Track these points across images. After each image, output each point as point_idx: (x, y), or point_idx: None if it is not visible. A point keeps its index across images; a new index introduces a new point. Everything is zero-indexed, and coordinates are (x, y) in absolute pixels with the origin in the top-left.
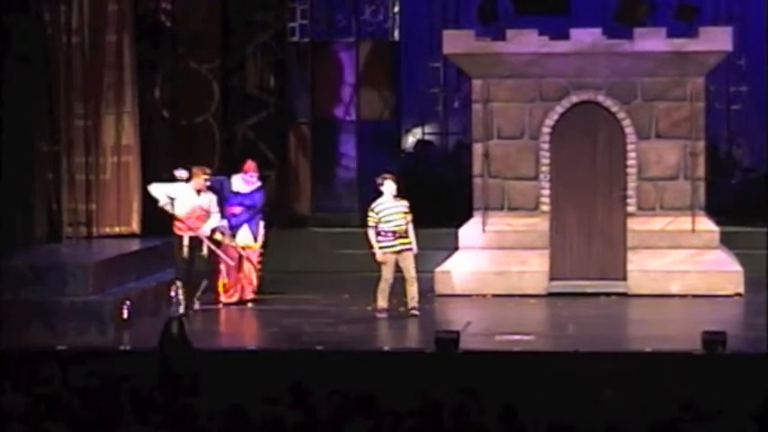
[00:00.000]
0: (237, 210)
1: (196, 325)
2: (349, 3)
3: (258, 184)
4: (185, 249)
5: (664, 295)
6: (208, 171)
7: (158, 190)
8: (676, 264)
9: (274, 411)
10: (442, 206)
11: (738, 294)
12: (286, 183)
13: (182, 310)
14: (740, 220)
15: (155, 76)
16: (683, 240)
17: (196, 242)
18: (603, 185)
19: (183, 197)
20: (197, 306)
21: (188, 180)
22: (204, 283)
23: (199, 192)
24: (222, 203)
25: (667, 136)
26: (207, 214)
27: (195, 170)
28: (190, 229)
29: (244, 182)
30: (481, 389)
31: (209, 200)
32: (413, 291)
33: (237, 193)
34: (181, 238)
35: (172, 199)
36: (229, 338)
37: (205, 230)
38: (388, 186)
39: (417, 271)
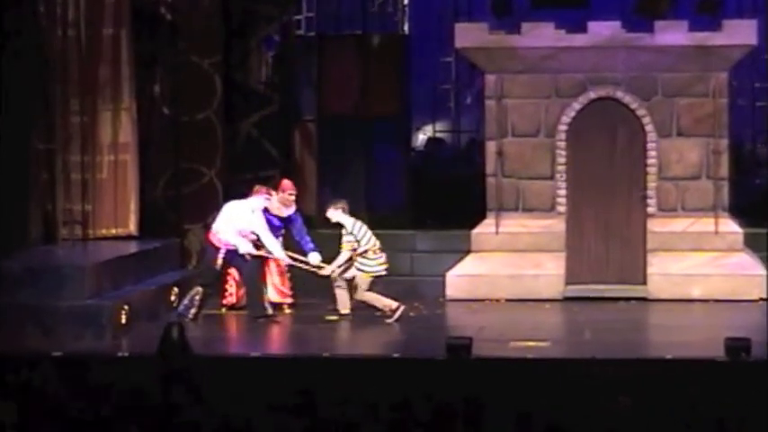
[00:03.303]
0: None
1: (197, 331)
2: None
3: (295, 206)
4: (220, 260)
5: (685, 300)
6: (272, 192)
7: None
8: (698, 267)
9: (280, 420)
10: (453, 207)
11: (763, 299)
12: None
13: (191, 315)
14: (765, 222)
15: (154, 70)
16: (706, 243)
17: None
18: (622, 185)
19: (244, 215)
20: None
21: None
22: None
23: (253, 211)
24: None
25: (689, 133)
26: (251, 235)
27: (259, 189)
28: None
29: (283, 204)
30: (494, 397)
31: (259, 223)
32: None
33: (276, 217)
34: (218, 249)
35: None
36: (233, 344)
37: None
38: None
39: (429, 274)
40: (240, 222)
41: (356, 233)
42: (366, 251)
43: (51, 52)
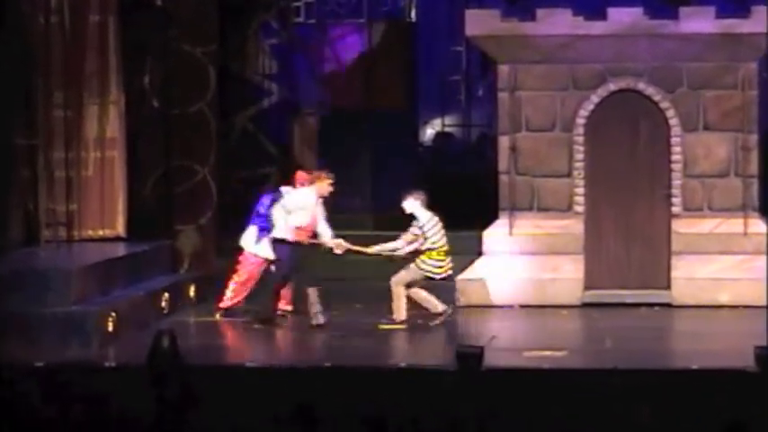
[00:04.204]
0: None
1: (191, 339)
2: None
3: None
4: (298, 257)
5: (712, 306)
6: (332, 176)
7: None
8: (726, 271)
9: None
10: (464, 206)
11: None
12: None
13: (321, 318)
14: None
15: (143, 60)
16: (734, 245)
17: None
18: (644, 183)
19: (307, 204)
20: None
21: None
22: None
23: (320, 198)
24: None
25: (716, 128)
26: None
27: (321, 174)
28: (310, 237)
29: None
30: (507, 410)
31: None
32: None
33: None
34: (299, 245)
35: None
36: (228, 353)
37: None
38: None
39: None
40: (319, 209)
41: (426, 229)
42: (431, 250)
43: (33, 41)
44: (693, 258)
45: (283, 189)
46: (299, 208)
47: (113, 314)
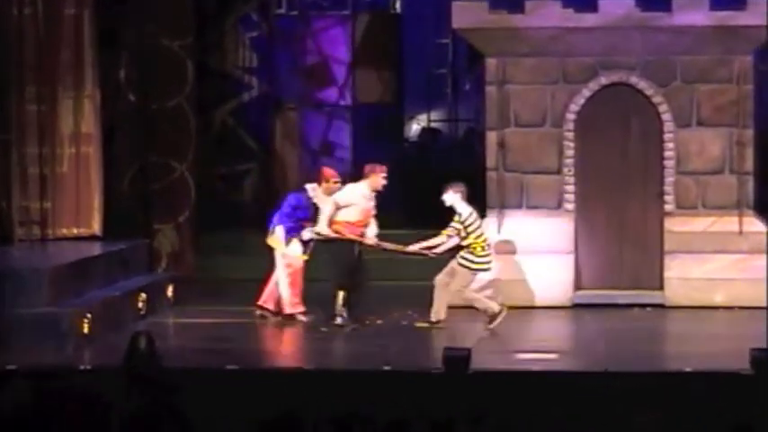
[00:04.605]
0: None
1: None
2: None
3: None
4: (356, 254)
5: (706, 307)
6: (385, 169)
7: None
8: (721, 271)
9: None
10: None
11: None
12: (271, 176)
13: (340, 321)
14: None
15: (119, 54)
16: (729, 244)
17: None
18: (637, 180)
19: (358, 200)
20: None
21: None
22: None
23: (374, 192)
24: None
25: (710, 123)
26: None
27: (374, 168)
28: (361, 234)
29: (328, 193)
30: (496, 414)
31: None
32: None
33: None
34: (352, 242)
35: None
36: (209, 356)
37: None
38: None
39: (425, 278)
40: (371, 204)
41: (468, 224)
42: (473, 245)
43: (6, 33)
44: (687, 258)
45: (308, 186)
46: (351, 203)
47: (89, 315)
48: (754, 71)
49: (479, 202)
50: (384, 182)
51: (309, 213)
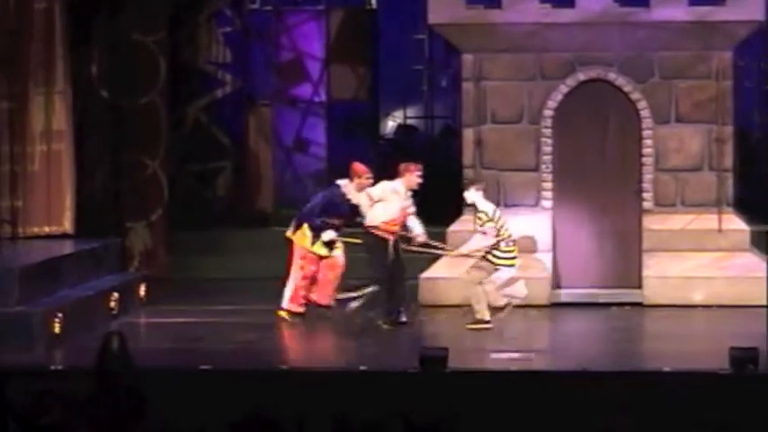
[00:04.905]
0: None
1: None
2: None
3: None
4: (392, 252)
5: (685, 306)
6: (420, 167)
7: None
8: (700, 269)
9: None
10: (427, 202)
11: None
12: (244, 174)
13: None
14: None
15: (91, 49)
16: (708, 242)
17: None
18: (615, 178)
19: (392, 196)
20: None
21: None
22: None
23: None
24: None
25: (689, 120)
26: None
27: (408, 167)
28: (393, 233)
29: (360, 189)
30: (473, 414)
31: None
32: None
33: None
34: (386, 240)
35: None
36: (179, 356)
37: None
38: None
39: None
40: (407, 202)
41: (496, 218)
42: (499, 241)
43: None
44: (665, 256)
45: (340, 182)
46: (384, 198)
47: (60, 315)
48: (733, 67)
49: (456, 200)
50: (419, 180)
51: (343, 210)
